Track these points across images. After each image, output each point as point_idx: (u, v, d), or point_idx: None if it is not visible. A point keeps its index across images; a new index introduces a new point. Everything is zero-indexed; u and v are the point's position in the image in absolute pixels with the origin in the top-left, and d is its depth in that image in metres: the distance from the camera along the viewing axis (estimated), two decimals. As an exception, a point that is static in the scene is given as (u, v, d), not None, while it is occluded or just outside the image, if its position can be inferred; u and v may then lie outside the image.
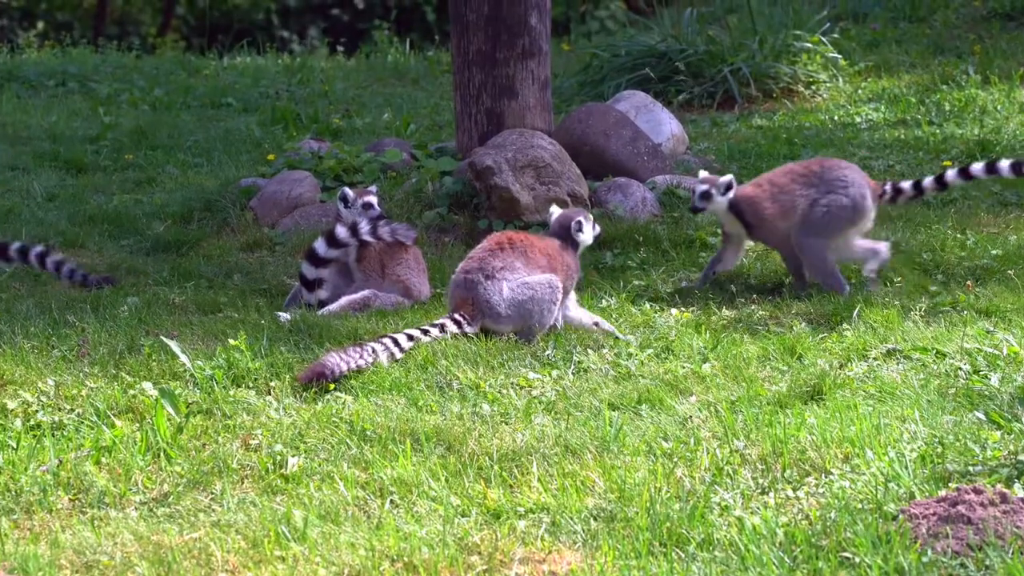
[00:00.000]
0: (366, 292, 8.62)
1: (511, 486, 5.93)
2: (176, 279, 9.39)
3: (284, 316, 8.25)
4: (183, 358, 7.22)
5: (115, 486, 5.94)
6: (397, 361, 7.39)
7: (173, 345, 7.32)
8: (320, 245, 8.64)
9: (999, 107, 13.03)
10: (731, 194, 8.78)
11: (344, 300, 8.55)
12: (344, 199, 8.93)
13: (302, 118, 14.72)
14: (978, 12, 16.87)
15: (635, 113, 11.78)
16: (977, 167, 8.83)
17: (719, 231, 9.65)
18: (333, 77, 18.17)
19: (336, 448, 6.33)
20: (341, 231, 8.61)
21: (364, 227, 8.62)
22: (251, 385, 7.12)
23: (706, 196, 8.79)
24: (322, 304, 8.60)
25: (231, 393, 6.98)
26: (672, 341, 7.79)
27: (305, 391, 7.03)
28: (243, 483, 6.05)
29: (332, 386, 7.06)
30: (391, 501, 5.80)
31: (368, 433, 6.47)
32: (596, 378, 7.31)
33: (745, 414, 6.57)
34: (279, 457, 6.20)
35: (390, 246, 8.74)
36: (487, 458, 6.17)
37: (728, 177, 8.87)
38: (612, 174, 10.61)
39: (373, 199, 8.95)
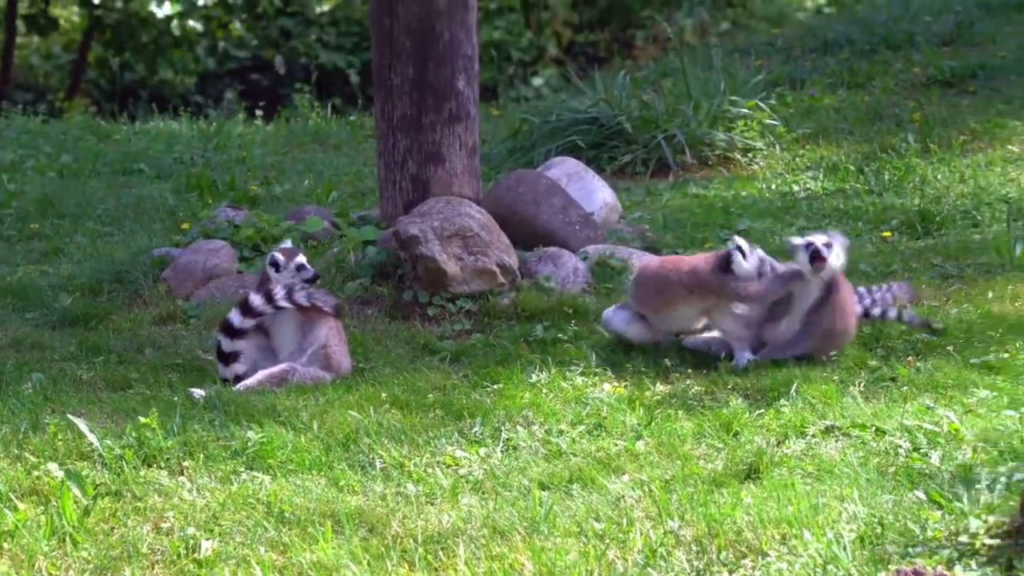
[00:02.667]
0: (284, 366, 8.62)
1: (436, 569, 5.93)
2: (84, 354, 9.33)
3: (198, 392, 8.23)
4: (91, 437, 7.17)
5: (17, 573, 5.89)
6: None
7: (80, 423, 7.28)
8: (235, 316, 8.64)
9: (939, 176, 13.21)
10: None
11: (261, 374, 8.55)
12: (275, 264, 8.89)
13: (218, 185, 14.70)
14: (917, 79, 17.12)
15: (567, 180, 11.86)
16: None
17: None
18: (251, 143, 18.19)
19: (252, 531, 6.31)
20: (256, 299, 8.62)
21: (280, 293, 8.62)
22: (163, 465, 7.09)
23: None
24: (238, 379, 8.59)
25: (142, 474, 6.94)
26: (604, 417, 7.82)
27: (220, 470, 7.01)
28: (154, 568, 6.01)
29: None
30: (310, 586, 5.78)
31: (286, 515, 6.46)
32: (526, 456, 7.34)
33: (680, 493, 6.61)
34: (192, 541, 6.18)
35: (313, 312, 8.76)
36: (411, 540, 6.18)
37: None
38: (543, 244, 10.66)
39: (304, 259, 8.97)
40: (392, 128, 10.90)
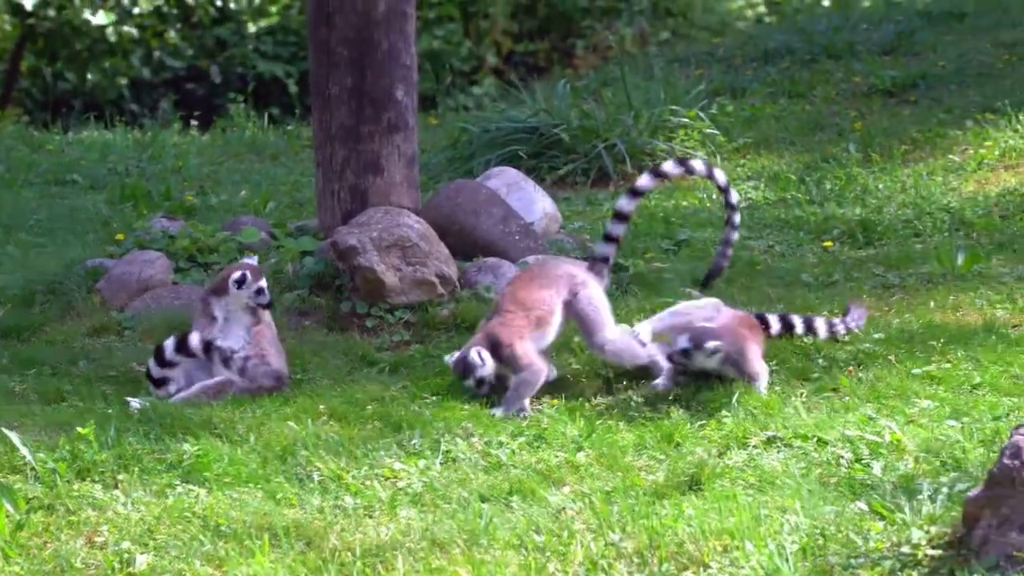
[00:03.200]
0: (221, 379, 8.62)
1: (375, 583, 5.92)
2: (16, 367, 9.27)
3: (136, 402, 8.21)
4: (23, 450, 7.13)
5: (-52, 588, 5.85)
6: None
7: (13, 436, 7.23)
8: (169, 347, 8.63)
9: (881, 186, 13.26)
10: None
11: (198, 386, 8.55)
12: (241, 281, 8.84)
13: (153, 195, 14.60)
14: (859, 88, 17.19)
15: (506, 191, 11.86)
16: None
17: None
18: (187, 153, 18.06)
19: (188, 545, 6.29)
20: (195, 342, 8.63)
21: (217, 359, 8.67)
22: (97, 478, 7.06)
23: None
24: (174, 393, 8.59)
25: (75, 487, 6.91)
26: (544, 429, 7.82)
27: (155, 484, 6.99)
28: (88, 583, 5.98)
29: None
30: (247, 600, 5.77)
31: (223, 528, 6.44)
32: (465, 468, 7.34)
33: (621, 505, 6.62)
34: (126, 555, 6.15)
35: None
36: (349, 554, 6.17)
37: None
38: (482, 254, 10.66)
39: (265, 282, 8.95)
40: (330, 138, 10.88)
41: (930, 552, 5.76)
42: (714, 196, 13.79)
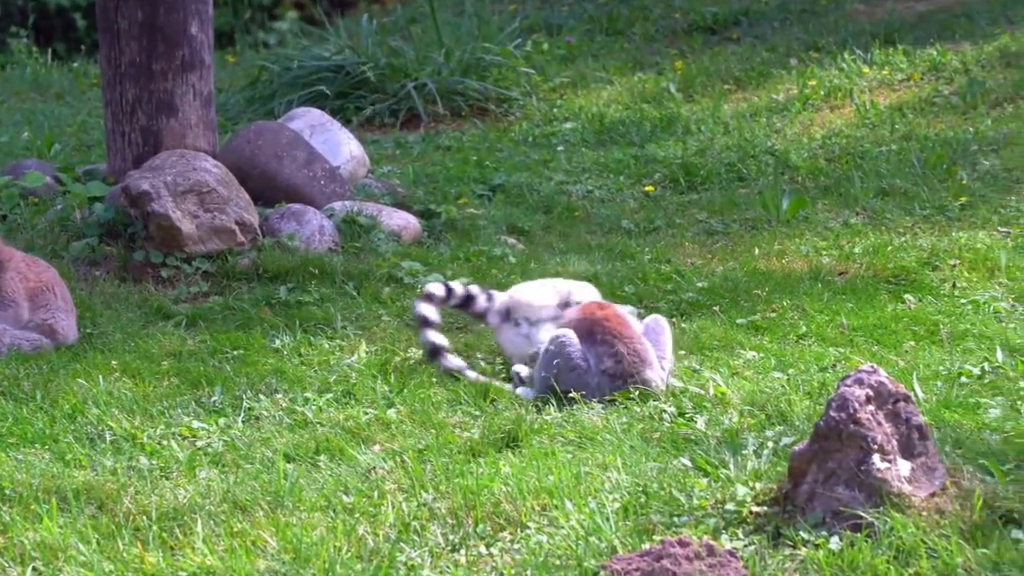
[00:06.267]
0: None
1: (172, 548, 5.86)
2: None
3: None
4: None
5: None
6: None
7: None
8: None
9: (703, 127, 13.41)
10: None
11: None
12: None
13: (-74, 137, 14.32)
14: (679, 25, 17.35)
15: (310, 132, 11.78)
16: None
17: (403, 263, 9.71)
18: (-38, 91, 17.74)
19: (-31, 510, 6.18)
20: None
21: None
22: None
23: None
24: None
25: None
26: (353, 384, 7.80)
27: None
28: None
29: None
30: (33, 568, 5.68)
31: (7, 492, 6.34)
32: (269, 426, 7.29)
33: (434, 464, 6.62)
34: (-100, 522, 6.03)
35: (29, 279, 8.63)
36: (145, 517, 6.09)
37: None
38: (286, 200, 10.58)
39: None
40: (119, 76, 10.70)
41: (755, 509, 5.83)
42: (530, 139, 13.84)
